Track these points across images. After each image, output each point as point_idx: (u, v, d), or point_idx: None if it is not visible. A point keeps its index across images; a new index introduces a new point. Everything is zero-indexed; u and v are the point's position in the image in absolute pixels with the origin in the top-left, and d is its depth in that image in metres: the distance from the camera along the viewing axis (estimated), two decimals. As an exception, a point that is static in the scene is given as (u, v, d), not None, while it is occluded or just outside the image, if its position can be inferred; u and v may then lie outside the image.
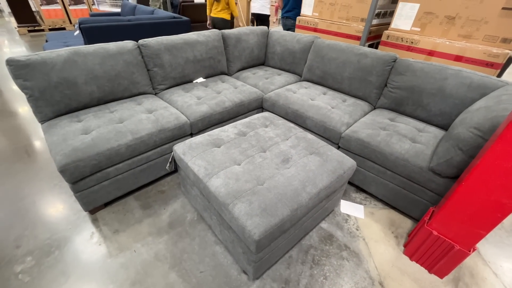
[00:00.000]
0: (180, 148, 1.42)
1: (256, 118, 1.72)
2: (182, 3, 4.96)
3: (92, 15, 4.97)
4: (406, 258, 1.40)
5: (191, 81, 2.24)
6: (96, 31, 2.91)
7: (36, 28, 5.82)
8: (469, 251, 1.16)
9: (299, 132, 1.60)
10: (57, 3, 5.90)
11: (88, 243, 1.40)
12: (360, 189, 1.85)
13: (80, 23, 2.86)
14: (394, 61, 1.90)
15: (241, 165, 1.30)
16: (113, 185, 1.53)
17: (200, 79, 2.28)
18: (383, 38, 2.30)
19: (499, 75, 1.87)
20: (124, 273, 1.26)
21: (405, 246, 1.45)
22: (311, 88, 2.23)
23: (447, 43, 1.95)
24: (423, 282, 1.30)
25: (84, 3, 6.16)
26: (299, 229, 1.29)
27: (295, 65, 2.52)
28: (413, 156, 1.45)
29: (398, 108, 1.90)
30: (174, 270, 1.28)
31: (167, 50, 1.98)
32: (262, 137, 1.52)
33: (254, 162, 1.32)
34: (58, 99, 1.58)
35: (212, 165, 1.28)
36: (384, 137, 1.59)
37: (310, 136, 1.57)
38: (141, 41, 1.92)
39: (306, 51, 2.41)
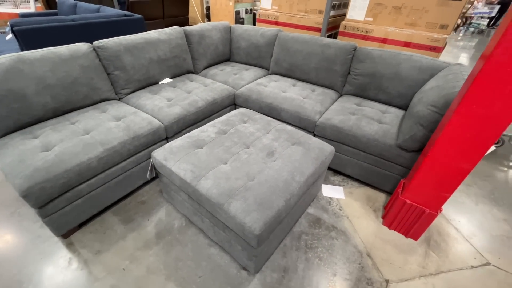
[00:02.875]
0: (160, 154, 1.35)
1: (234, 115, 1.71)
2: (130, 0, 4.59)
3: (22, 16, 4.35)
4: (386, 228, 1.55)
5: (157, 83, 2.12)
6: (33, 34, 2.56)
7: None
8: (437, 213, 1.33)
9: (278, 124, 1.64)
10: (9, 2, 5.04)
11: (67, 270, 1.26)
12: (337, 172, 1.97)
13: (12, 26, 2.48)
14: (354, 50, 2.04)
15: (228, 164, 1.29)
16: (87, 203, 1.40)
17: (167, 80, 2.17)
18: (341, 29, 2.44)
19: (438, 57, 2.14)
20: (116, 294, 1.18)
21: (383, 217, 1.60)
22: (280, 81, 2.28)
23: (397, 31, 2.15)
24: (402, 246, 1.45)
25: (9, 2, 5.32)
26: (290, 218, 1.34)
27: (262, 59, 2.55)
28: (382, 136, 1.59)
29: (362, 93, 2.06)
30: (171, 281, 1.24)
31: (128, 51, 1.84)
32: (243, 133, 1.53)
33: (240, 159, 1.32)
34: (5, 114, 1.37)
35: (199, 167, 1.24)
36: (355, 121, 1.71)
37: (289, 127, 1.62)
38: (96, 43, 1.75)
39: (271, 45, 2.45)
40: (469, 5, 7.66)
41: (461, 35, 7.59)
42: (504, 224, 1.62)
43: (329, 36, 2.72)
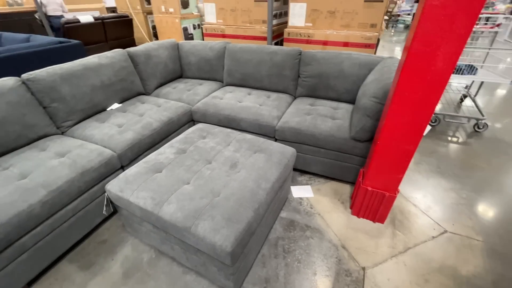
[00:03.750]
0: (115, 186, 1.25)
1: (191, 131, 1.66)
2: (65, 25, 4.28)
3: None
4: (355, 217, 1.63)
5: (105, 109, 1.98)
6: None
7: None
8: (395, 194, 1.43)
9: (238, 135, 1.63)
10: None
11: None
12: (303, 172, 2.03)
13: None
14: (300, 54, 2.15)
15: (191, 183, 1.24)
16: (35, 256, 1.22)
17: (116, 105, 2.04)
18: (285, 36, 2.56)
19: (375, 53, 2.36)
20: None
21: (351, 207, 1.68)
22: (235, 92, 2.30)
23: (334, 33, 2.33)
24: (371, 231, 1.53)
25: None
26: (264, 226, 1.33)
27: (214, 72, 2.55)
28: (337, 131, 1.68)
29: (313, 93, 2.17)
30: (146, 322, 1.13)
31: (65, 80, 1.70)
32: (203, 149, 1.49)
33: (203, 176, 1.28)
34: None
35: (159, 193, 1.17)
36: (310, 121, 1.79)
37: (249, 136, 1.62)
38: (25, 75, 1.58)
39: (221, 57, 2.47)
40: (394, 5, 8.70)
41: (393, 31, 8.53)
42: (452, 192, 1.81)
43: (276, 43, 2.84)
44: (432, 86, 1.07)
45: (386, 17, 8.45)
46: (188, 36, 4.77)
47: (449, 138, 2.46)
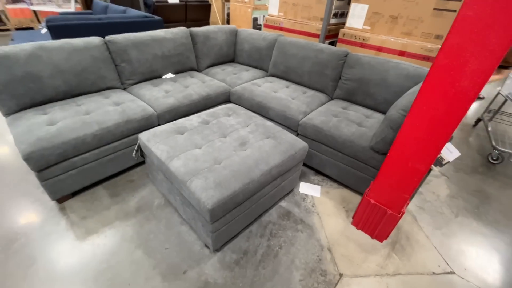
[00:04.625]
0: (145, 136, 1.51)
1: (220, 108, 1.84)
2: (156, 3, 4.99)
3: (62, 14, 4.87)
4: (353, 228, 1.58)
5: (160, 77, 2.32)
6: (64, 29, 2.90)
7: (1, 28, 5.58)
8: (399, 214, 1.35)
9: (258, 120, 1.74)
10: (24, 1, 5.69)
11: (55, 229, 1.45)
12: (318, 172, 2.02)
13: (47, 21, 2.84)
14: (346, 55, 2.10)
15: (202, 149, 1.42)
16: (81, 174, 1.59)
17: (170, 75, 2.37)
18: (340, 36, 2.51)
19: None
20: (91, 253, 1.33)
21: (353, 217, 1.63)
22: (275, 82, 2.39)
23: (392, 39, 2.18)
24: (365, 246, 1.48)
25: (23, 1, 5.93)
26: (256, 205, 1.43)
27: (262, 61, 2.68)
28: (358, 138, 1.64)
29: (350, 98, 2.11)
30: (140, 249, 1.37)
31: (135, 46, 2.06)
32: (224, 124, 1.65)
33: (213, 146, 1.44)
34: (22, 92, 1.62)
35: (174, 149, 1.38)
36: (335, 123, 1.77)
37: (268, 123, 1.72)
38: (108, 37, 1.99)
39: (271, 48, 2.57)
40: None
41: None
42: (481, 237, 1.58)
43: (331, 43, 2.79)
44: (454, 104, 0.98)
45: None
46: (257, 26, 5.00)
47: (507, 181, 2.08)
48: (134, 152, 1.58)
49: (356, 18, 2.37)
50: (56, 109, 1.66)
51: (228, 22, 6.52)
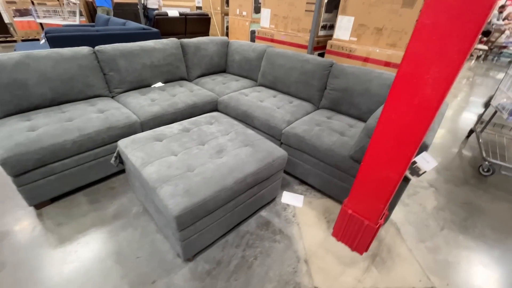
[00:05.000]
0: (124, 142, 1.52)
1: (203, 116, 1.85)
2: (156, 16, 5.16)
3: (65, 26, 5.04)
4: (333, 239, 1.54)
5: (149, 86, 2.36)
6: (62, 40, 2.99)
7: (8, 39, 5.80)
8: (376, 225, 1.31)
9: (240, 128, 1.74)
10: (31, 15, 5.94)
11: (29, 235, 1.43)
12: (302, 182, 2.00)
13: (46, 32, 2.94)
14: (331, 66, 2.12)
15: (177, 156, 1.41)
16: (60, 180, 1.59)
17: (159, 84, 2.41)
18: (328, 47, 2.54)
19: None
20: (60, 261, 1.31)
21: (333, 228, 1.59)
22: (263, 92, 2.41)
23: (377, 50, 2.20)
24: (344, 258, 1.43)
25: (30, 15, 6.18)
26: (231, 213, 1.40)
27: (252, 71, 2.71)
28: (338, 147, 1.62)
29: (336, 107, 2.11)
30: (111, 257, 1.35)
31: (123, 55, 2.11)
32: (204, 132, 1.65)
33: (190, 153, 1.44)
34: (8, 99, 1.65)
35: (149, 156, 1.38)
36: (316, 132, 1.76)
37: (249, 131, 1.72)
38: (97, 47, 2.04)
39: (260, 59, 2.61)
40: (499, 34, 7.35)
41: (494, 62, 7.23)
42: (466, 252, 1.52)
43: (320, 55, 2.83)
44: (419, 113, 0.97)
45: (484, 47, 7.22)
46: (254, 39, 5.11)
47: (498, 194, 2.02)
48: (113, 158, 1.58)
49: (343, 30, 2.41)
50: (40, 116, 1.69)
51: (227, 35, 6.69)
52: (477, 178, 2.22)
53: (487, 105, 2.55)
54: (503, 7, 7.52)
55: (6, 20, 5.82)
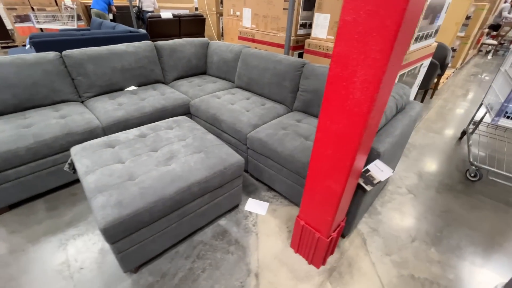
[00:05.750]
0: (75, 149, 1.49)
1: (166, 121, 1.80)
2: (149, 19, 5.17)
3: (61, 31, 5.13)
4: (292, 251, 1.45)
5: (122, 89, 2.34)
6: (46, 45, 3.01)
7: (9, 44, 5.98)
8: (327, 239, 1.22)
9: (200, 133, 1.68)
10: (59, 20, 6.18)
11: (-21, 244, 1.43)
12: (271, 188, 1.91)
13: (30, 38, 2.98)
14: (303, 66, 2.02)
15: (124, 163, 1.36)
16: (16, 187, 1.57)
17: (132, 87, 2.38)
18: (306, 47, 2.44)
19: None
20: (4, 270, 1.29)
21: (291, 240, 1.50)
22: (237, 94, 2.34)
23: (354, 49, 2.08)
24: (299, 272, 1.34)
25: (30, 21, 6.32)
26: (178, 224, 1.34)
27: (229, 73, 2.65)
28: (299, 152, 1.53)
29: (307, 109, 2.01)
30: (54, 267, 1.31)
31: (91, 60, 2.09)
32: (161, 138, 1.60)
33: (138, 160, 1.38)
34: (-32, 106, 1.66)
35: (95, 163, 1.34)
36: (280, 136, 1.68)
37: (209, 136, 1.65)
38: (64, 52, 2.03)
39: (237, 60, 2.54)
40: (509, 28, 6.97)
41: (504, 58, 6.85)
42: (435, 267, 1.40)
43: (300, 55, 2.73)
44: (352, 118, 0.88)
45: (493, 42, 6.85)
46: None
47: (483, 201, 1.87)
48: (67, 165, 1.55)
49: (320, 28, 2.31)
50: (1, 123, 1.68)
51: (222, 36, 6.65)
52: (463, 183, 2.06)
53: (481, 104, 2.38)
54: (514, -1, 7.12)
55: (8, 26, 6.00)
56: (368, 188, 1.19)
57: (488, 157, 2.30)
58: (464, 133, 2.66)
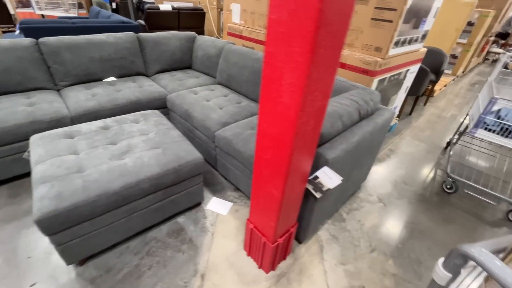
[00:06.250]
0: (34, 138, 1.48)
1: (133, 114, 1.78)
2: (147, 10, 5.14)
3: (60, 18, 5.15)
4: (244, 254, 1.42)
5: (100, 80, 2.32)
6: (35, 31, 3.01)
7: (10, 30, 6.03)
8: (273, 244, 1.19)
9: (164, 128, 1.65)
10: (61, 8, 6.23)
11: None
12: (237, 188, 1.88)
13: (20, 24, 2.98)
14: (280, 65, 1.98)
15: (79, 155, 1.35)
16: (-23, 172, 1.58)
17: (112, 78, 2.37)
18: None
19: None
20: (-48, 255, 1.30)
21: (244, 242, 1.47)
22: (216, 91, 2.30)
23: (334, 50, 2.03)
24: (246, 276, 1.31)
25: (31, 7, 6.35)
26: (127, 219, 1.32)
27: (212, 68, 2.61)
28: (260, 154, 1.50)
29: (281, 110, 1.96)
30: (2, 255, 1.31)
31: (68, 48, 2.08)
32: (124, 131, 1.58)
33: (92, 152, 1.37)
34: None
35: (48, 154, 1.33)
36: (246, 136, 1.64)
37: (174, 132, 1.62)
38: (41, 39, 2.02)
39: (220, 56, 2.50)
40: (517, 37, 6.74)
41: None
42: (388, 280, 1.36)
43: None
44: (283, 124, 0.84)
45: (500, 50, 6.65)
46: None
47: (454, 214, 1.81)
48: (26, 153, 1.55)
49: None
50: (-32, 107, 1.68)
51: (222, 31, 6.59)
52: (439, 195, 2.00)
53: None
54: (526, 7, 6.88)
55: (11, 11, 6.05)
56: (317, 195, 1.16)
57: (467, 169, 2.23)
58: (449, 143, 2.59)
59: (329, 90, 0.85)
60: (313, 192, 1.16)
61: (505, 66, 2.09)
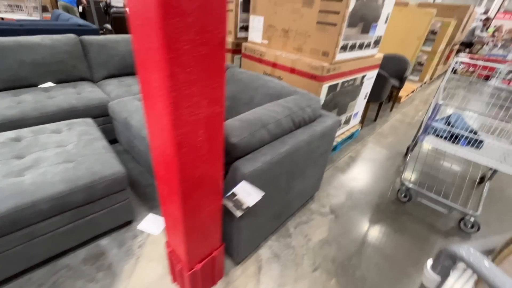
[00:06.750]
0: None
1: (56, 124, 1.60)
2: (112, 14, 4.95)
3: (17, 21, 4.85)
4: (169, 280, 1.26)
5: (36, 85, 2.12)
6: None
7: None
8: (189, 271, 1.04)
9: (89, 138, 1.48)
10: (23, 11, 5.90)
11: None
12: (179, 203, 1.72)
13: (-43, 25, 2.72)
14: (227, 69, 1.87)
15: (-32, 172, 1.15)
16: None
17: (49, 84, 2.16)
18: (243, 51, 2.30)
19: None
20: None
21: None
22: (164, 97, 2.15)
23: (284, 55, 1.95)
24: (166, 307, 1.15)
25: (23, 11, 6.07)
26: (24, 246, 1.13)
27: (165, 74, 2.46)
28: (191, 166, 1.35)
29: (227, 118, 1.84)
30: None
31: (-9, 51, 1.87)
32: (38, 143, 1.39)
33: (-13, 168, 1.17)
34: None
35: None
36: (180, 146, 1.50)
37: (99, 143, 1.45)
38: (-42, 40, 1.80)
39: (171, 61, 2.37)
40: (480, 46, 7.10)
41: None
42: (328, 303, 1.23)
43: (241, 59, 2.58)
44: (163, 134, 0.71)
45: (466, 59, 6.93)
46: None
47: (408, 224, 1.74)
48: None
49: (255, 31, 2.17)
50: None
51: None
52: (395, 204, 1.93)
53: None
54: (487, 19, 7.31)
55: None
56: (238, 213, 1.03)
57: (422, 176, 2.19)
58: (407, 149, 2.56)
59: (218, 95, 0.73)
60: (232, 210, 1.03)
61: (454, 71, 2.09)
